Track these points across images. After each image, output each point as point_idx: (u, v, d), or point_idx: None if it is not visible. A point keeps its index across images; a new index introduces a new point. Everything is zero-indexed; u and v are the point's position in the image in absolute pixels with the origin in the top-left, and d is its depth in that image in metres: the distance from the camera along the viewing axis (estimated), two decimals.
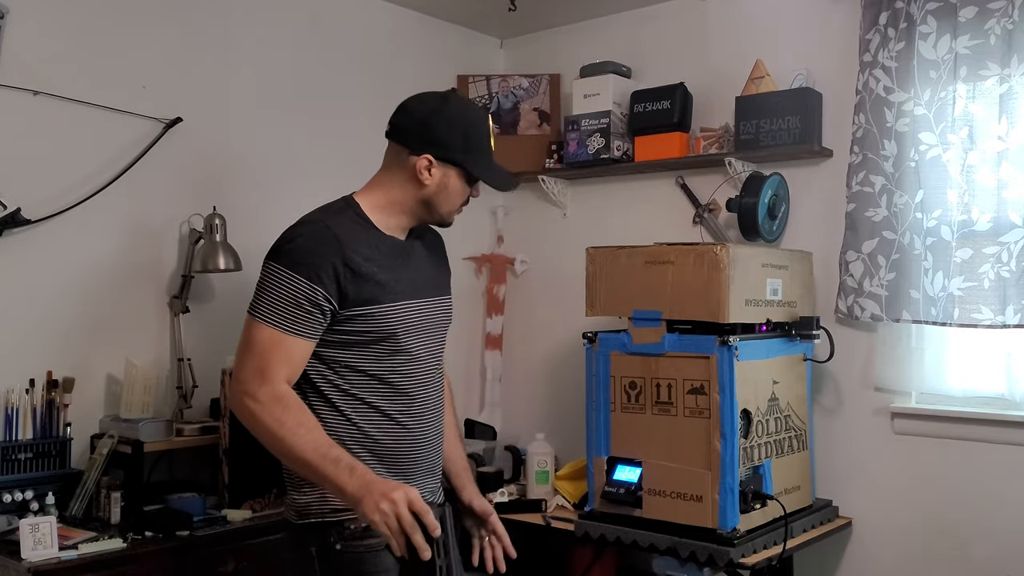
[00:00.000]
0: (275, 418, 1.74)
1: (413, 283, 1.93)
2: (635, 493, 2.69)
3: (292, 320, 1.78)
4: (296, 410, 1.76)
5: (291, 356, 1.79)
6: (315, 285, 1.78)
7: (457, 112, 1.94)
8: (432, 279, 2.01)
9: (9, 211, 2.50)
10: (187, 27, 2.93)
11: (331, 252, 1.81)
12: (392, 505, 1.60)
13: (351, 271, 1.82)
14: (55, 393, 2.52)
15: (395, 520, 1.60)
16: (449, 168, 1.92)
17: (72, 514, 2.45)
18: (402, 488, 1.63)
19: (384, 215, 1.93)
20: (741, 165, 3.21)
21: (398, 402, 1.90)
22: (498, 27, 3.87)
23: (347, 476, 1.67)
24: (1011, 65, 2.69)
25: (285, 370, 1.78)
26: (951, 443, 2.88)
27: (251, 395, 1.75)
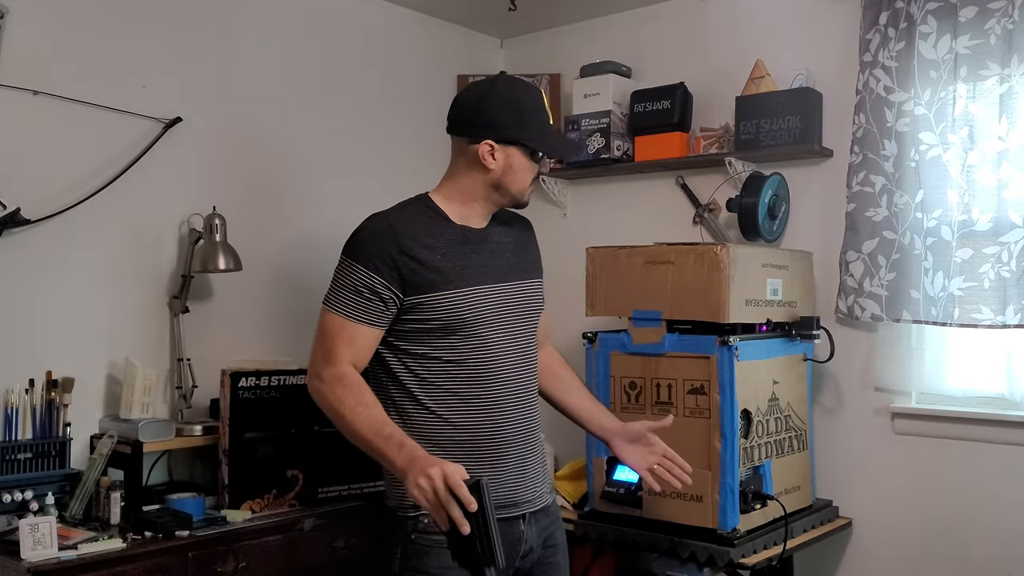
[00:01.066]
0: (336, 396, 1.86)
1: (486, 269, 1.97)
2: (635, 493, 2.69)
3: (353, 307, 1.89)
4: (356, 390, 1.86)
5: (354, 341, 1.89)
6: (372, 273, 1.88)
7: (506, 91, 1.98)
8: (512, 264, 2.04)
9: (9, 211, 2.49)
10: (187, 27, 2.92)
11: (388, 242, 1.90)
12: (428, 480, 1.65)
13: (409, 259, 1.89)
14: (55, 393, 2.52)
15: (432, 494, 1.65)
16: (510, 148, 1.96)
17: (72, 514, 2.45)
18: (439, 464, 1.67)
19: (457, 205, 1.99)
20: (741, 165, 3.21)
21: (477, 388, 1.94)
22: (498, 27, 3.87)
23: (396, 452, 1.75)
24: (1011, 65, 2.69)
25: (348, 353, 1.88)
26: (951, 443, 2.88)
27: (318, 376, 1.89)
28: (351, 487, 2.78)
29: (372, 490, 2.80)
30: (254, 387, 2.65)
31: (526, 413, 2.02)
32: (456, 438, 1.93)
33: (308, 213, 3.25)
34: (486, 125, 1.94)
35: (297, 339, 3.14)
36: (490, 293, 1.97)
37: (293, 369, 2.73)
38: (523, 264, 2.08)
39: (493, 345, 1.96)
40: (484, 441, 1.95)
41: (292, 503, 2.69)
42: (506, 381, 1.98)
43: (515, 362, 2.00)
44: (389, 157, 3.51)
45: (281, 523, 2.57)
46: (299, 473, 2.69)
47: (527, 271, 2.08)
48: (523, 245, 2.12)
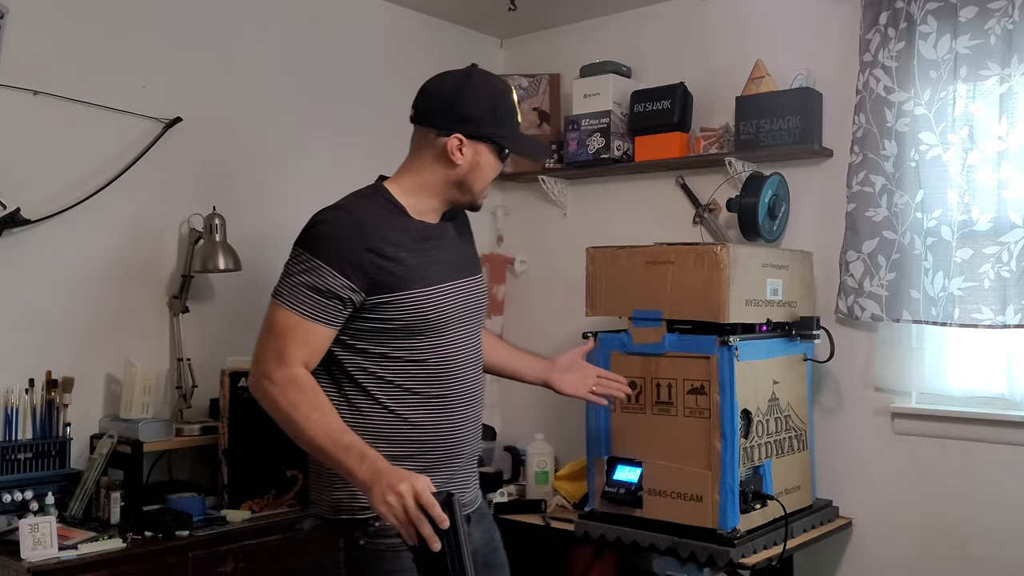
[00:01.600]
0: (289, 400, 1.74)
1: (447, 266, 1.91)
2: (635, 493, 2.69)
3: (311, 306, 1.78)
4: (310, 393, 1.76)
5: (309, 341, 1.79)
6: (336, 273, 1.78)
7: (482, 85, 1.92)
8: (464, 260, 1.99)
9: (9, 211, 2.49)
10: (187, 27, 2.93)
11: (355, 239, 1.80)
12: (398, 498, 1.60)
13: (377, 256, 1.80)
14: (55, 393, 2.52)
15: (402, 512, 1.60)
16: (480, 144, 1.90)
17: (72, 514, 2.45)
18: (409, 479, 1.62)
19: (415, 199, 1.91)
20: (741, 165, 3.21)
21: (436, 387, 1.88)
22: (498, 27, 3.87)
23: (358, 463, 1.67)
24: (1011, 65, 2.69)
25: (302, 354, 1.78)
26: (951, 443, 2.88)
27: (268, 376, 1.77)
28: None
29: None
30: None
31: (477, 411, 1.99)
32: (413, 436, 1.86)
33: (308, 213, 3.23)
34: (460, 119, 1.87)
35: None
36: (451, 291, 1.91)
37: None
38: (471, 259, 2.04)
39: (452, 343, 1.90)
40: (440, 440, 1.89)
41: (292, 503, 2.69)
42: (462, 379, 1.93)
43: (469, 359, 1.96)
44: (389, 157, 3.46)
45: (281, 523, 2.57)
46: (299, 473, 2.69)
47: (475, 266, 2.04)
48: (467, 239, 2.06)
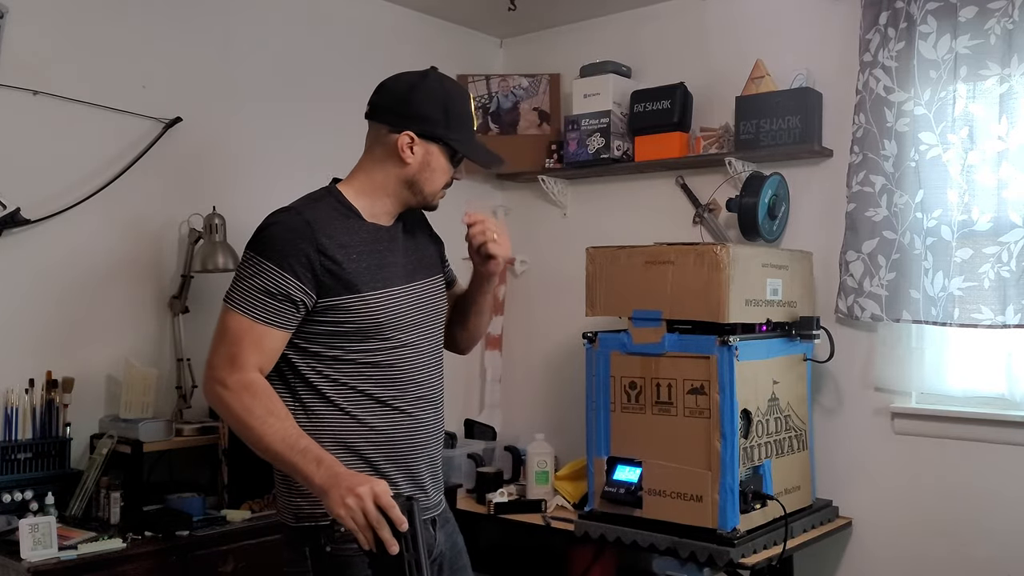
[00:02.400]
0: (244, 405, 1.72)
1: (400, 269, 1.89)
2: (635, 493, 2.69)
3: (263, 309, 1.76)
4: (265, 398, 1.73)
5: (262, 345, 1.76)
6: (287, 275, 1.76)
7: (437, 86, 1.89)
8: (419, 261, 1.96)
9: (9, 211, 2.50)
10: (187, 27, 2.93)
11: (304, 241, 1.77)
12: (358, 500, 1.59)
13: (327, 259, 1.78)
14: (55, 393, 2.52)
15: (361, 515, 1.58)
16: (431, 145, 1.87)
17: (72, 514, 2.45)
18: (368, 483, 1.61)
19: (368, 200, 1.89)
20: (741, 165, 3.21)
21: (393, 390, 1.85)
22: (498, 27, 3.87)
23: (314, 468, 1.66)
24: (1011, 65, 2.69)
25: (256, 358, 1.76)
26: (951, 443, 2.88)
27: (221, 382, 1.74)
28: None
29: None
30: None
31: (438, 415, 1.95)
32: (371, 439, 1.83)
33: None
34: (411, 116, 1.85)
35: None
36: (403, 294, 1.87)
37: None
38: (425, 260, 1.99)
39: (408, 347, 1.87)
40: (398, 443, 1.85)
41: None
42: (420, 382, 1.90)
43: (429, 363, 1.92)
44: None
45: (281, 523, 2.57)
46: None
47: (430, 267, 1.99)
48: (421, 239, 2.02)
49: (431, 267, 2.00)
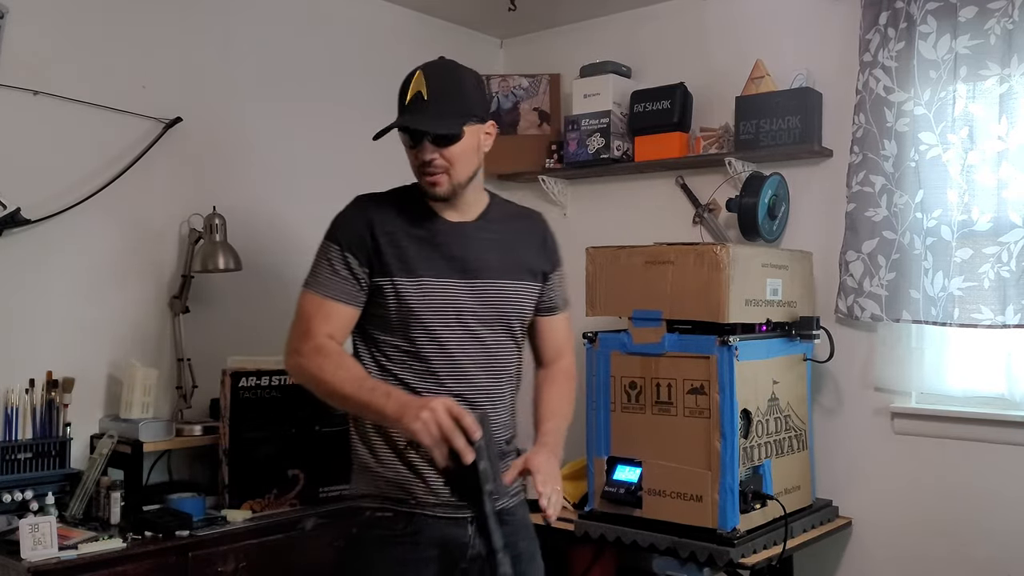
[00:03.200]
0: (316, 365, 1.83)
1: (449, 262, 1.89)
2: (635, 493, 2.69)
3: (327, 286, 1.87)
4: (336, 356, 1.84)
5: (330, 318, 1.87)
6: (344, 252, 1.87)
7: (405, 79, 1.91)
8: (478, 261, 1.91)
9: (9, 211, 2.49)
10: (187, 27, 2.92)
11: (361, 223, 1.89)
12: (431, 413, 1.65)
13: (376, 240, 1.87)
14: (55, 393, 2.52)
15: (435, 427, 1.64)
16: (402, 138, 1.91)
17: (72, 514, 2.45)
18: (439, 398, 1.69)
19: None
20: (741, 165, 3.21)
21: (427, 383, 1.86)
22: (498, 27, 3.87)
23: (384, 400, 1.75)
24: (1011, 65, 2.69)
25: (326, 328, 1.86)
26: (951, 443, 2.88)
27: (296, 351, 1.86)
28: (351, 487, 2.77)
29: None
30: (254, 387, 2.65)
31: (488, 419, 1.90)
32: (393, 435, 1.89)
33: (308, 213, 3.24)
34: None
35: None
36: (446, 287, 1.88)
37: None
38: (505, 263, 1.94)
39: (442, 340, 1.87)
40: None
41: (293, 503, 2.69)
42: (460, 381, 1.88)
43: (470, 362, 1.89)
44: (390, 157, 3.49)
45: (281, 523, 2.57)
46: (300, 473, 2.69)
47: (506, 271, 1.94)
48: (517, 244, 1.98)
49: (507, 271, 1.94)
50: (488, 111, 1.95)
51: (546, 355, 2.07)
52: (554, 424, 1.96)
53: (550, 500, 1.78)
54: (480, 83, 1.96)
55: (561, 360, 2.07)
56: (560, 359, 2.07)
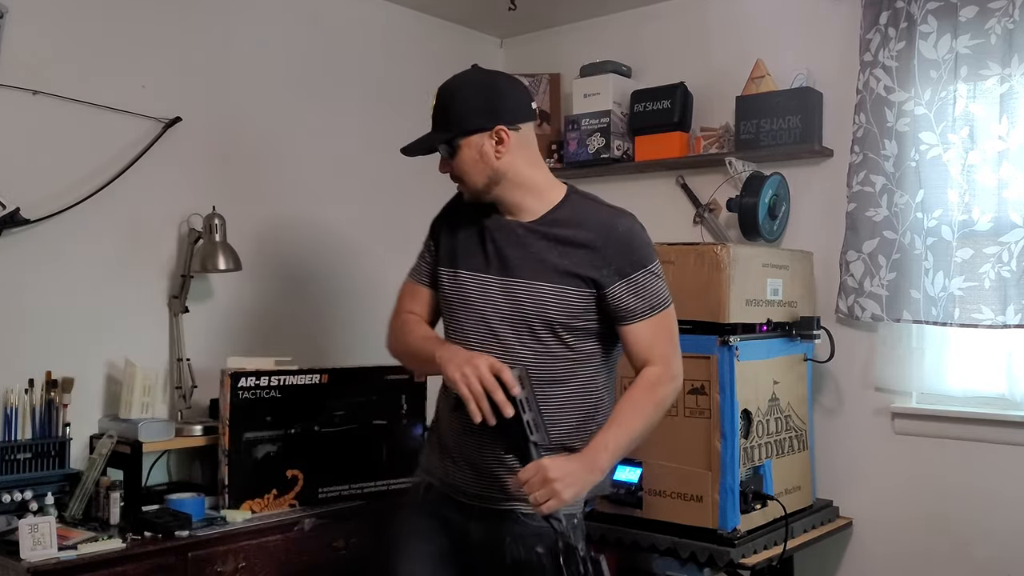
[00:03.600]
0: (395, 334, 2.07)
1: (488, 259, 1.95)
2: (635, 493, 2.69)
3: (416, 269, 2.11)
4: (410, 324, 2.05)
5: (414, 296, 2.09)
6: (428, 239, 2.10)
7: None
8: (512, 259, 1.93)
9: (9, 211, 2.49)
10: (187, 27, 2.92)
11: (442, 215, 2.11)
12: (474, 368, 1.77)
13: (441, 231, 2.07)
14: (54, 393, 2.52)
15: (476, 381, 1.75)
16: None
17: (71, 514, 2.44)
18: (483, 356, 1.81)
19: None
20: (741, 165, 3.20)
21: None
22: (498, 27, 3.87)
23: (438, 347, 1.90)
24: (1011, 65, 2.69)
25: (409, 304, 2.08)
26: (951, 443, 2.88)
27: (389, 327, 2.09)
28: (351, 487, 2.78)
29: (372, 490, 2.80)
30: (254, 387, 2.65)
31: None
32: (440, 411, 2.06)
33: (308, 213, 3.25)
34: None
35: (297, 339, 3.15)
36: (478, 282, 1.94)
37: (293, 369, 2.72)
38: (544, 265, 1.92)
39: (472, 336, 1.93)
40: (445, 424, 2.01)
41: (292, 503, 2.69)
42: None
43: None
44: (389, 157, 3.49)
45: (281, 523, 2.57)
46: (299, 473, 2.69)
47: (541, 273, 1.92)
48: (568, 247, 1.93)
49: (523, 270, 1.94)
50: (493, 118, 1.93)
51: (633, 364, 1.98)
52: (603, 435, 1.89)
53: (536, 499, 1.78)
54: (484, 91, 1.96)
55: (646, 368, 1.95)
56: (646, 367, 1.95)
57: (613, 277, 1.93)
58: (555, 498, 1.78)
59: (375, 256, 3.37)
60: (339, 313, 3.33)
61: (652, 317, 1.95)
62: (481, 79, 2.00)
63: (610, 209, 2.05)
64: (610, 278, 1.93)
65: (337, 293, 3.32)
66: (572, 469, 1.81)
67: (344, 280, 3.34)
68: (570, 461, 1.83)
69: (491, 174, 1.94)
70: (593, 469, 1.85)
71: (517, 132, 1.94)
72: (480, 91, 1.97)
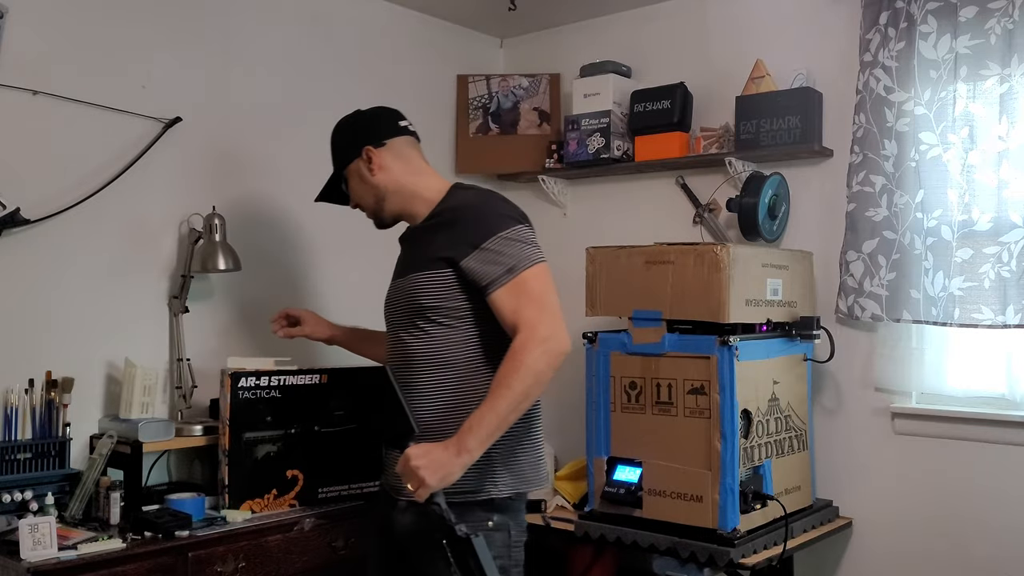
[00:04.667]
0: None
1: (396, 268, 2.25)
2: (635, 493, 2.69)
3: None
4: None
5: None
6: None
7: None
8: (403, 262, 2.23)
9: (9, 211, 2.49)
10: (187, 27, 2.92)
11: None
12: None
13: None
14: (54, 393, 2.52)
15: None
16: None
17: (71, 514, 2.44)
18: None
19: None
20: (741, 165, 3.21)
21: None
22: (498, 27, 3.87)
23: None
24: (1011, 65, 2.69)
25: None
26: (951, 443, 2.88)
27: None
28: (351, 487, 2.78)
29: (372, 490, 2.79)
30: (254, 387, 2.65)
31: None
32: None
33: (308, 213, 3.25)
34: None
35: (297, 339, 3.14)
36: (389, 291, 2.23)
37: (293, 369, 2.73)
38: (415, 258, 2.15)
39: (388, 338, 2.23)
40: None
41: (292, 503, 2.69)
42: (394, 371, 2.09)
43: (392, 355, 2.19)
44: None
45: (281, 523, 2.57)
46: (299, 473, 2.69)
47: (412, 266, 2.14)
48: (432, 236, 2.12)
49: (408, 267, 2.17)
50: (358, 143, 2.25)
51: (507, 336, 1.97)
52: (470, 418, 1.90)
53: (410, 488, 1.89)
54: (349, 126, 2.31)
55: (515, 339, 1.94)
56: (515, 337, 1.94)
57: (466, 250, 1.99)
58: (422, 484, 1.85)
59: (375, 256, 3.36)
60: (339, 313, 3.32)
61: (511, 280, 1.97)
62: (346, 119, 2.31)
63: (475, 191, 2.17)
64: (463, 251, 2.00)
65: (337, 293, 3.32)
66: (436, 454, 1.87)
67: (344, 280, 3.34)
68: (434, 447, 1.89)
69: (375, 192, 2.21)
70: (460, 451, 1.87)
71: (384, 148, 2.18)
72: (345, 128, 2.29)
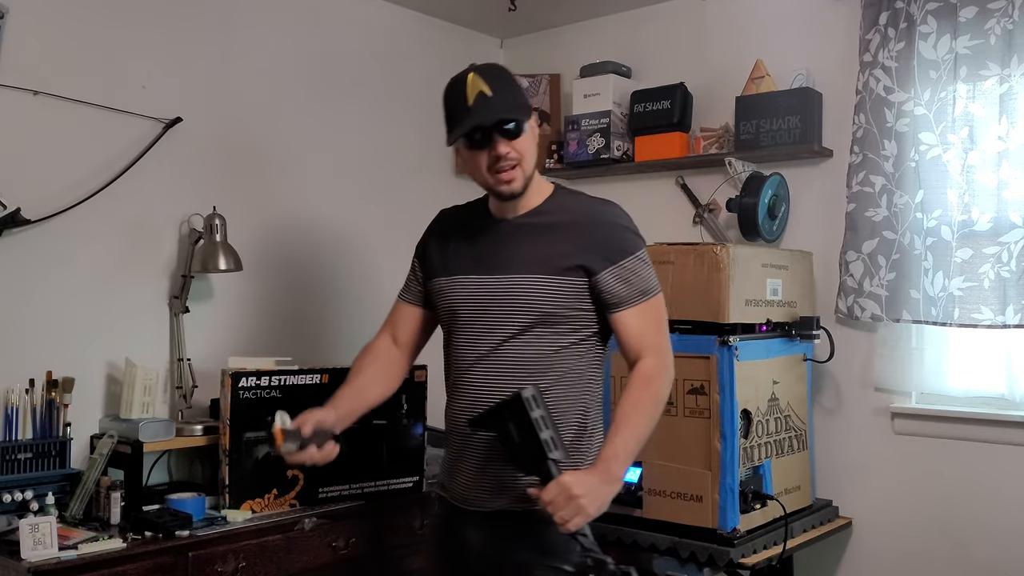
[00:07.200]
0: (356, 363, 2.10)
1: (478, 260, 1.95)
2: (635, 493, 2.69)
3: (403, 289, 2.13)
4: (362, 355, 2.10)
5: (393, 316, 2.14)
6: (415, 258, 2.11)
7: (445, 92, 1.95)
8: (495, 257, 1.93)
9: (9, 211, 2.49)
10: (187, 27, 2.92)
11: (429, 230, 2.12)
12: None
13: (431, 244, 2.07)
14: (55, 393, 2.52)
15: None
16: (457, 146, 1.93)
17: (72, 514, 2.44)
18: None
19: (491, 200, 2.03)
20: (741, 165, 3.21)
21: (455, 377, 1.99)
22: (498, 27, 3.87)
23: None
24: (1011, 65, 2.69)
25: (391, 325, 2.13)
26: (951, 443, 2.88)
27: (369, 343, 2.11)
28: (351, 487, 2.78)
29: (372, 490, 2.80)
30: (254, 387, 2.65)
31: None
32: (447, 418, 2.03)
33: (308, 212, 3.25)
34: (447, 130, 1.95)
35: (297, 339, 3.15)
36: (468, 284, 1.94)
37: (293, 369, 2.72)
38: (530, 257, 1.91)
39: (464, 338, 1.95)
40: (452, 430, 1.99)
41: (292, 503, 2.69)
42: (470, 375, 1.92)
43: (486, 360, 1.91)
44: (389, 157, 3.51)
45: (281, 523, 2.57)
46: (299, 473, 2.69)
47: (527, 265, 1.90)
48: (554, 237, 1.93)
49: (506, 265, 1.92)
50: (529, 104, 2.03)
51: (626, 357, 1.94)
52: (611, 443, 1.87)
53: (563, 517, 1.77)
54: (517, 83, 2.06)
55: (640, 361, 1.91)
56: (639, 360, 1.91)
57: (603, 263, 1.92)
58: (581, 514, 1.77)
59: (375, 256, 3.38)
60: (339, 313, 3.33)
61: (641, 303, 1.93)
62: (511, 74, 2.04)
63: (596, 199, 2.08)
64: (600, 264, 1.92)
65: (337, 293, 3.32)
66: (593, 483, 1.80)
67: (344, 280, 3.34)
68: (589, 475, 1.82)
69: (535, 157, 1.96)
70: (611, 480, 1.84)
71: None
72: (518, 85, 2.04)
